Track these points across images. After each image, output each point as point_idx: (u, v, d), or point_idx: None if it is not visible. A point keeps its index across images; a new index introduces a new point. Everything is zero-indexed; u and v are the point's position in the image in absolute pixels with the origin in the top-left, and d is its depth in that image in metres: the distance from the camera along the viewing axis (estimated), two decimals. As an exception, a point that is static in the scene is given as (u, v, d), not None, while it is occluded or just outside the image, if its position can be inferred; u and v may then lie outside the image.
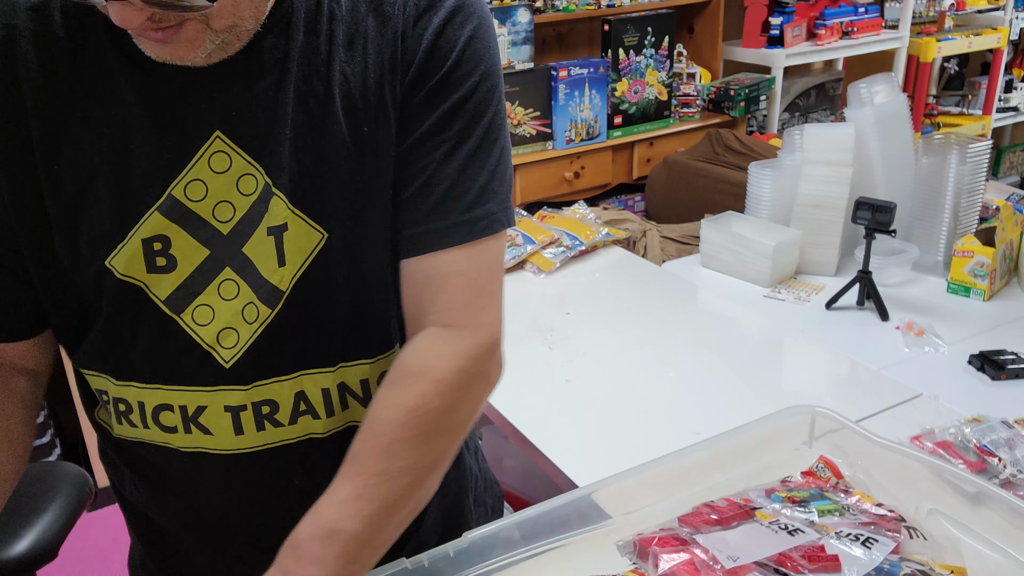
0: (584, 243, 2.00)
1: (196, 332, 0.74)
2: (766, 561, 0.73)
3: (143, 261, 0.72)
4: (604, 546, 0.80)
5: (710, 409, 1.38)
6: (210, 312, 0.74)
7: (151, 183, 0.71)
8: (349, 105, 0.73)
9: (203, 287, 0.73)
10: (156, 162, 0.70)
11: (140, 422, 0.79)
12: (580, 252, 2.00)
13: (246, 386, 0.76)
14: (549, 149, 3.06)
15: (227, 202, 0.72)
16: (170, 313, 0.74)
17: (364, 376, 0.81)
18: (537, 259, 1.96)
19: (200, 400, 0.77)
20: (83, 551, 2.42)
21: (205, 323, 0.74)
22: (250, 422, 0.77)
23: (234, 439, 0.78)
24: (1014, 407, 1.30)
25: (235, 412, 0.77)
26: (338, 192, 0.74)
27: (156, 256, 0.72)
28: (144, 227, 0.71)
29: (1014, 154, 4.73)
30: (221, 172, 0.71)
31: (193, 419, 0.77)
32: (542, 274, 1.93)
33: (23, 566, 1.52)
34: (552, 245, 1.99)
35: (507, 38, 2.87)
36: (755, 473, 0.91)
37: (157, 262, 0.72)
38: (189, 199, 0.71)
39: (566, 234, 2.01)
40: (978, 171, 1.80)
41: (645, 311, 1.75)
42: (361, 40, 0.73)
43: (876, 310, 1.67)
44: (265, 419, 0.78)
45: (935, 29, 3.97)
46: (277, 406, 0.78)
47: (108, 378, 0.78)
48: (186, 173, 0.71)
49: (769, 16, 3.45)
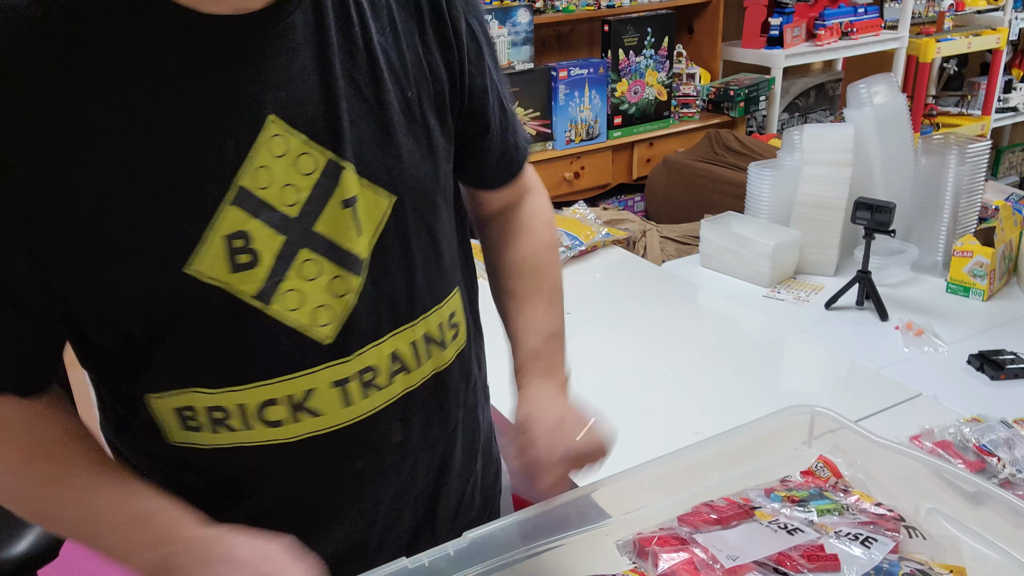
0: (584, 243, 2.00)
1: (289, 319, 0.74)
2: (765, 560, 0.73)
3: (226, 261, 0.70)
4: (604, 546, 0.80)
5: (710, 409, 1.38)
6: (298, 296, 0.74)
7: (215, 176, 0.69)
8: (392, 73, 0.76)
9: (285, 273, 0.73)
10: (218, 153, 0.68)
11: (242, 425, 0.77)
12: (580, 252, 2.00)
13: (348, 357, 0.78)
14: (549, 149, 3.06)
15: (290, 185, 0.72)
16: (260, 307, 0.73)
17: (439, 321, 0.86)
18: (537, 259, 1.96)
19: (307, 384, 0.77)
20: (83, 551, 2.41)
21: (296, 307, 0.74)
22: (356, 391, 0.80)
23: (343, 412, 0.79)
24: (1013, 407, 1.31)
25: (342, 386, 0.79)
26: (399, 155, 0.77)
27: (238, 254, 0.70)
28: (222, 224, 0.69)
29: (1013, 154, 4.73)
30: (280, 156, 0.71)
31: (301, 406, 0.77)
32: (542, 274, 1.93)
33: (23, 566, 1.52)
34: (552, 245, 1.99)
35: (507, 38, 2.87)
36: (754, 473, 0.91)
37: (239, 260, 0.70)
38: (258, 187, 0.70)
39: (566, 234, 2.01)
40: (977, 171, 1.80)
41: (645, 311, 1.75)
42: (385, 9, 0.77)
43: (875, 310, 1.67)
44: (368, 386, 0.80)
45: (934, 29, 3.98)
46: (377, 370, 0.80)
47: (198, 391, 0.75)
48: (250, 161, 0.69)
49: (769, 16, 3.45)
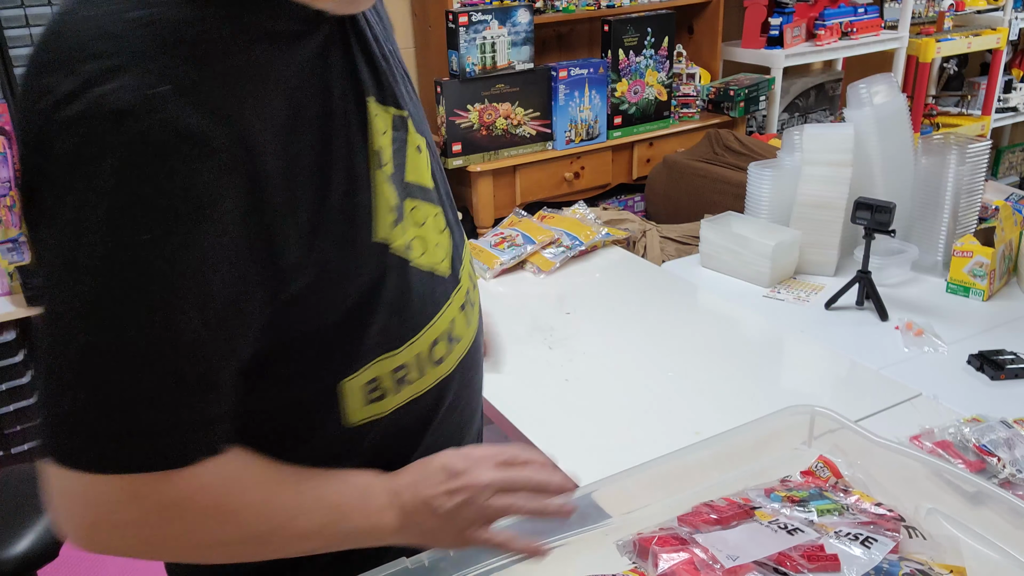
0: (584, 243, 2.01)
1: (423, 264, 0.80)
2: (765, 560, 0.73)
3: (390, 225, 0.75)
4: (604, 546, 0.80)
5: (710, 409, 1.38)
6: (420, 242, 0.80)
7: (363, 150, 0.73)
8: (385, 34, 0.83)
9: (405, 226, 0.78)
10: (351, 129, 0.72)
11: (418, 374, 0.81)
12: (580, 252, 2.00)
13: (459, 282, 0.86)
14: (549, 149, 3.06)
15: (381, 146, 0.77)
16: (407, 258, 0.78)
17: (471, 254, 0.95)
18: (537, 259, 1.96)
19: (450, 315, 0.84)
20: (83, 551, 2.41)
21: (422, 252, 0.80)
22: (470, 310, 0.89)
23: (468, 332, 0.88)
24: (1013, 407, 1.31)
25: (464, 309, 0.87)
26: (418, 104, 0.86)
27: (389, 214, 0.76)
28: (378, 189, 0.74)
29: (1013, 154, 4.73)
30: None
31: (450, 337, 0.84)
32: (542, 274, 1.93)
33: (23, 566, 1.52)
34: (552, 245, 1.99)
35: (507, 38, 2.87)
36: (755, 473, 0.91)
37: (391, 219, 0.76)
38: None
39: (566, 234, 2.02)
40: (977, 171, 1.80)
41: (645, 311, 1.75)
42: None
43: (875, 310, 1.67)
44: (470, 305, 0.89)
45: (934, 29, 3.98)
46: (469, 289, 0.89)
47: (385, 357, 0.77)
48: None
49: (769, 16, 3.45)
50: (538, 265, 1.95)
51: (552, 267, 1.93)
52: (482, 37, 2.82)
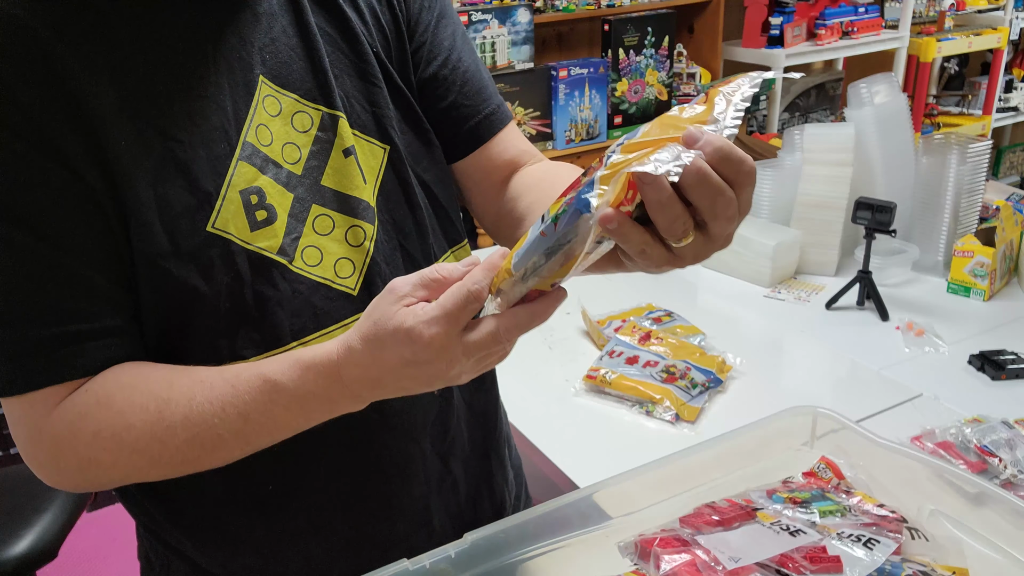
0: (584, 243, 2.00)
1: (314, 274, 0.75)
2: (768, 562, 0.73)
3: (245, 219, 0.71)
4: (605, 547, 0.80)
5: (710, 409, 1.38)
6: (317, 252, 0.75)
7: (224, 134, 0.70)
8: (363, 24, 0.79)
9: (301, 230, 0.74)
10: (223, 112, 0.70)
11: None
12: (580, 252, 2.00)
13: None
14: (549, 149, 3.06)
15: (291, 143, 0.74)
16: (285, 263, 0.73)
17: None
18: (537, 259, 1.96)
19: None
20: (83, 551, 2.41)
21: (316, 263, 0.75)
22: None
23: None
24: (1014, 407, 1.30)
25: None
26: (384, 105, 0.80)
27: (256, 210, 0.71)
28: (236, 180, 0.70)
29: (1014, 154, 4.73)
30: (276, 115, 0.74)
31: None
32: (542, 274, 1.93)
33: (23, 566, 1.52)
34: (552, 245, 1.98)
35: (507, 38, 2.87)
36: (756, 474, 0.91)
37: (258, 216, 0.71)
38: (262, 144, 0.72)
39: (566, 234, 2.01)
40: (978, 171, 1.80)
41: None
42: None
43: (876, 310, 1.67)
44: None
45: (935, 29, 3.97)
46: None
47: (238, 364, 0.72)
48: (251, 119, 0.72)
49: (769, 16, 3.45)
50: (538, 265, 1.94)
51: (552, 267, 1.93)
52: (482, 36, 2.82)
